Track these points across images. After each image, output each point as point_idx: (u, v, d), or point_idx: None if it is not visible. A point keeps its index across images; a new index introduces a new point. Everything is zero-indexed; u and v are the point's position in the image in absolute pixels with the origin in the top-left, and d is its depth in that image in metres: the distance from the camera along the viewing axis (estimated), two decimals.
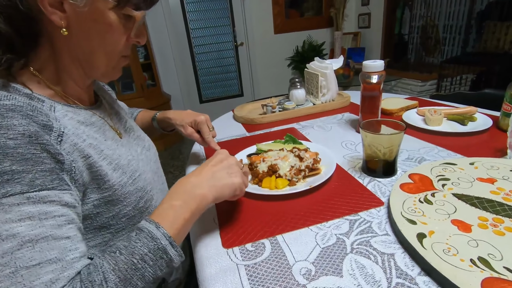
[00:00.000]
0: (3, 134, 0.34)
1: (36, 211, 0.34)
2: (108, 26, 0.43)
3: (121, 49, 0.48)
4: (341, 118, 0.98)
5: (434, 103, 1.01)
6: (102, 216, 0.46)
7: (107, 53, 0.46)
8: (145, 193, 0.53)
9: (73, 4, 0.40)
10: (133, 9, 0.44)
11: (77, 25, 0.42)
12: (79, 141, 0.43)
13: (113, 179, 0.47)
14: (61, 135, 0.40)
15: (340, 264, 0.40)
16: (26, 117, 0.36)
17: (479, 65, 2.36)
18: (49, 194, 0.35)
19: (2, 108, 0.35)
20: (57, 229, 0.35)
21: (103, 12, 0.42)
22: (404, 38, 3.05)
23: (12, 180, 0.33)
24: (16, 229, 0.33)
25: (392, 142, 0.57)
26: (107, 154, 0.47)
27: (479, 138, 0.73)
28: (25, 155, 0.35)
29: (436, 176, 0.55)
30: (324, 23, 3.39)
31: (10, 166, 0.34)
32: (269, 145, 0.75)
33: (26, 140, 0.35)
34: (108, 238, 0.49)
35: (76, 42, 0.44)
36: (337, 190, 0.57)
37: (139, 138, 0.63)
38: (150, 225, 0.39)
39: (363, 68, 0.76)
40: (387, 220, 0.47)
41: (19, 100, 0.37)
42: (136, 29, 0.47)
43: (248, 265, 0.42)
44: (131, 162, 0.52)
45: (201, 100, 3.46)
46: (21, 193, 0.34)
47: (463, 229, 0.41)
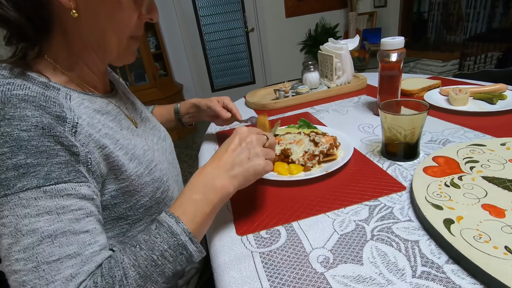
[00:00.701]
0: (17, 125, 0.33)
1: (54, 206, 0.34)
2: (117, 3, 0.42)
3: (133, 28, 0.45)
4: (358, 101, 0.94)
5: (458, 82, 0.94)
6: (119, 207, 0.46)
7: (118, 34, 0.45)
8: (162, 184, 0.52)
9: None
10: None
11: (86, 5, 0.40)
12: (94, 131, 0.42)
13: (130, 169, 0.46)
14: (75, 126, 0.39)
15: (360, 252, 0.38)
16: (39, 108, 0.36)
17: (506, 42, 2.20)
18: (65, 187, 0.35)
19: (15, 98, 0.34)
20: (75, 223, 0.35)
21: None
22: (423, 16, 2.89)
23: (28, 174, 0.33)
24: (35, 224, 0.33)
25: (414, 123, 0.53)
26: (122, 144, 0.47)
27: (510, 118, 0.67)
28: (39, 148, 0.34)
29: (463, 159, 0.51)
30: (337, 4, 3.25)
31: (25, 159, 0.33)
32: (283, 129, 0.73)
33: (40, 132, 0.34)
34: (126, 229, 0.48)
35: (86, 24, 0.42)
36: (355, 175, 0.55)
37: (155, 128, 0.62)
38: (170, 220, 0.38)
39: (381, 46, 0.72)
40: (409, 206, 0.45)
41: (32, 90, 0.37)
42: (146, 5, 0.45)
43: (263, 253, 0.41)
44: (147, 152, 0.51)
45: (213, 89, 3.44)
46: (38, 187, 0.33)
47: (495, 214, 0.38)
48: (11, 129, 0.33)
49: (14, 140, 0.33)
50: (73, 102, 0.42)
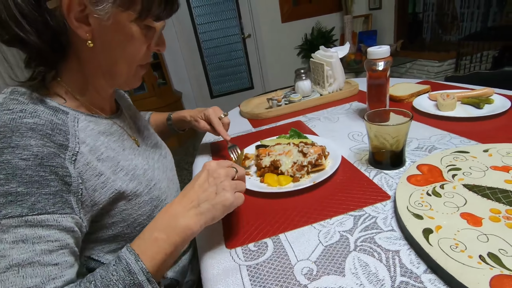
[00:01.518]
0: (18, 154, 0.36)
1: (31, 235, 0.35)
2: (130, 37, 0.45)
3: (142, 57, 0.49)
4: (349, 107, 0.95)
5: (448, 86, 0.96)
6: (117, 226, 0.48)
7: (128, 62, 0.48)
8: (160, 202, 0.54)
9: (98, 17, 0.41)
10: (153, 20, 0.45)
11: (101, 37, 0.44)
12: (94, 157, 0.44)
13: (129, 190, 0.48)
14: (75, 154, 0.41)
15: (343, 263, 0.39)
16: (45, 136, 0.38)
17: (502, 40, 2.21)
18: (47, 218, 0.36)
19: (24, 127, 0.37)
20: (46, 254, 0.35)
21: (125, 24, 0.43)
22: (418, 17, 2.90)
23: (15, 202, 0.34)
24: (8, 251, 0.33)
25: (399, 132, 0.54)
26: (123, 165, 0.49)
27: (497, 122, 0.69)
28: (33, 177, 0.36)
29: (446, 166, 0.52)
30: (332, 8, 3.28)
31: (16, 188, 0.35)
32: (274, 140, 0.74)
33: (38, 161, 0.36)
34: (122, 245, 0.50)
35: (99, 53, 0.45)
36: (342, 185, 0.56)
37: (156, 146, 0.65)
38: (130, 257, 0.37)
39: (368, 55, 0.73)
40: (393, 215, 0.46)
41: (42, 118, 0.39)
42: (156, 38, 0.49)
43: (250, 266, 0.42)
44: (147, 172, 0.54)
45: (212, 95, 3.47)
46: (20, 216, 0.34)
47: (472, 223, 0.39)
48: (12, 157, 0.35)
49: (11, 168, 0.35)
50: (80, 125, 0.45)
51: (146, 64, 0.52)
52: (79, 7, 0.40)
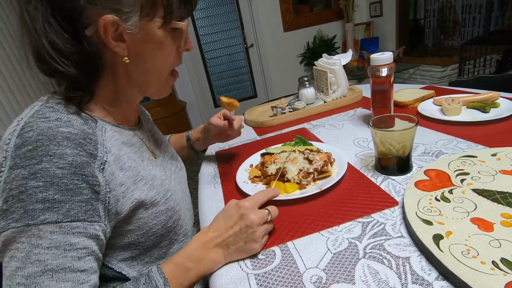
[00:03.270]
0: (55, 162, 0.37)
1: (64, 242, 0.37)
2: (159, 44, 0.47)
3: (173, 61, 0.51)
4: (353, 114, 0.95)
5: (453, 90, 0.95)
6: (133, 233, 0.48)
7: (160, 69, 0.50)
8: (174, 213, 0.55)
9: (130, 32, 0.43)
10: (178, 21, 0.47)
11: (135, 50, 0.46)
12: (117, 167, 0.46)
13: (148, 199, 0.49)
14: (103, 164, 0.43)
15: (352, 271, 0.39)
16: (78, 145, 0.40)
17: (505, 44, 2.20)
18: (78, 225, 0.38)
19: (60, 136, 0.39)
20: (76, 261, 0.38)
21: (154, 32, 0.45)
22: (419, 23, 2.92)
23: (52, 209, 0.37)
24: (43, 256, 0.36)
25: (404, 137, 0.54)
26: (143, 175, 0.50)
27: (503, 126, 0.68)
28: (68, 185, 0.38)
29: (454, 171, 0.52)
30: (334, 16, 3.32)
31: (53, 195, 0.37)
32: (279, 148, 0.74)
33: (72, 170, 0.38)
34: (136, 254, 0.51)
35: (133, 65, 0.48)
36: (349, 192, 0.56)
37: (172, 158, 0.67)
38: (159, 279, 0.41)
39: (371, 62, 0.74)
40: (401, 221, 0.45)
41: (75, 127, 0.41)
42: (184, 39, 0.50)
43: (259, 274, 0.42)
44: (164, 182, 0.55)
45: (216, 105, 3.49)
46: (56, 222, 0.37)
47: (484, 228, 0.38)
48: (50, 165, 0.37)
49: (50, 176, 0.37)
50: (107, 134, 0.47)
51: (175, 71, 0.54)
52: (113, 27, 0.42)
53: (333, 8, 3.28)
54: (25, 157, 0.37)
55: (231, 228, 0.45)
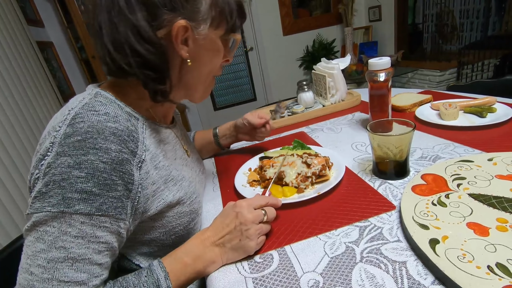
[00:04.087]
0: (100, 156, 0.39)
1: (90, 233, 0.38)
2: (217, 51, 0.52)
3: (217, 69, 0.55)
4: (352, 118, 0.96)
5: (450, 95, 0.96)
6: (155, 231, 0.50)
7: (207, 76, 0.54)
8: (197, 215, 0.56)
9: (197, 38, 0.47)
10: (232, 33, 0.52)
11: (195, 55, 0.49)
12: (152, 166, 0.47)
13: (175, 199, 0.50)
14: (141, 162, 0.44)
15: (349, 275, 0.39)
16: (122, 142, 0.42)
17: (502, 49, 2.22)
18: (106, 220, 0.39)
19: (108, 130, 0.41)
20: (96, 254, 0.39)
21: (215, 41, 0.50)
22: (418, 28, 2.94)
23: (88, 200, 0.38)
24: (69, 243, 0.37)
25: (402, 142, 0.55)
26: (174, 175, 0.52)
27: (500, 131, 0.69)
28: (106, 180, 0.39)
29: (451, 176, 0.52)
30: (333, 20, 3.34)
31: (91, 188, 0.38)
32: (277, 152, 0.75)
33: (113, 166, 0.40)
34: (155, 250, 0.52)
35: (189, 69, 0.50)
36: (347, 196, 0.56)
37: (198, 160, 0.69)
38: (161, 273, 0.42)
39: (369, 67, 0.74)
40: (398, 226, 0.46)
41: (121, 123, 0.43)
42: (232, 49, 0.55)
43: (256, 278, 0.42)
44: (192, 184, 0.56)
45: (215, 108, 3.50)
46: (88, 214, 0.38)
47: (479, 233, 0.39)
48: (95, 158, 0.39)
49: (93, 169, 0.38)
50: (147, 131, 0.49)
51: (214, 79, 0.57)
52: (183, 31, 0.45)
53: (333, 12, 3.30)
54: (74, 146, 0.38)
55: (227, 226, 0.46)
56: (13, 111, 1.42)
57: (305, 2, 3.23)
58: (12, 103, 1.44)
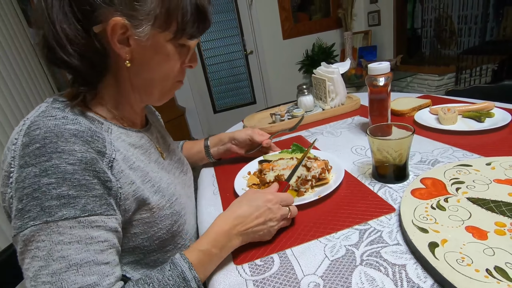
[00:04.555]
0: (65, 159, 0.38)
1: (84, 236, 0.37)
2: (166, 56, 0.48)
3: (176, 75, 0.52)
4: (351, 122, 0.97)
5: (449, 100, 0.97)
6: (137, 237, 0.49)
7: (162, 80, 0.51)
8: (180, 217, 0.55)
9: (138, 39, 0.44)
10: (188, 39, 0.49)
11: (139, 57, 0.47)
12: (126, 166, 0.46)
13: (153, 201, 0.49)
14: (111, 161, 0.43)
15: (349, 277, 0.39)
16: (85, 142, 0.40)
17: (500, 54, 2.24)
18: (97, 219, 0.39)
19: (67, 133, 0.39)
20: (99, 254, 0.38)
21: (162, 44, 0.46)
22: (417, 33, 2.96)
23: (68, 204, 0.37)
24: (66, 251, 0.36)
25: (401, 146, 0.55)
26: (151, 176, 0.51)
27: (498, 135, 0.69)
28: (80, 181, 0.38)
29: (449, 180, 0.52)
30: (333, 25, 3.36)
31: (68, 191, 0.37)
32: (277, 155, 0.75)
33: (83, 166, 0.39)
34: (140, 258, 0.51)
35: (136, 72, 0.48)
36: (347, 199, 0.56)
37: (179, 161, 0.67)
38: (184, 264, 0.41)
39: (369, 71, 0.75)
40: (398, 229, 0.46)
41: (82, 125, 0.42)
42: (190, 56, 0.52)
43: (257, 280, 0.42)
44: (170, 186, 0.55)
45: (215, 110, 3.51)
46: (74, 218, 0.37)
47: (478, 237, 0.39)
48: (60, 162, 0.37)
49: (61, 173, 0.37)
50: (113, 135, 0.47)
51: (181, 81, 0.55)
52: (121, 30, 0.43)
53: (332, 16, 3.32)
54: (34, 155, 0.37)
55: (256, 218, 0.47)
56: (13, 113, 1.43)
57: (305, 7, 3.25)
58: (12, 104, 1.44)
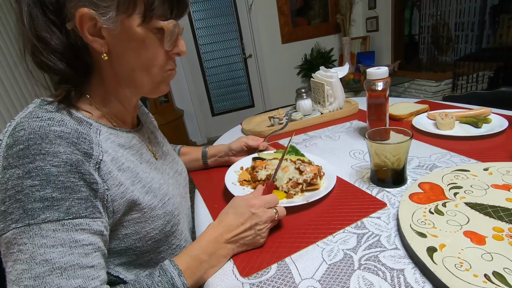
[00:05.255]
0: (49, 161, 0.37)
1: (68, 239, 0.36)
2: (141, 43, 0.45)
3: (162, 63, 0.48)
4: (350, 126, 0.97)
5: (446, 105, 0.98)
6: (129, 238, 0.48)
7: (146, 69, 0.47)
8: (173, 217, 0.54)
9: (107, 28, 0.42)
10: (160, 21, 0.44)
11: (115, 48, 0.45)
12: (115, 167, 0.45)
13: (145, 202, 0.49)
14: (98, 163, 0.42)
15: (348, 282, 0.39)
16: (71, 144, 0.39)
17: (496, 61, 2.27)
18: (81, 222, 0.38)
19: (52, 134, 0.39)
20: (84, 257, 0.37)
21: (134, 30, 0.43)
22: (414, 39, 3.00)
23: (52, 207, 0.36)
24: (49, 254, 0.35)
25: (399, 150, 0.55)
26: (141, 177, 0.50)
27: (495, 141, 0.70)
28: (65, 183, 0.37)
29: (447, 184, 0.52)
30: (331, 30, 3.39)
31: (51, 193, 0.36)
32: (271, 155, 0.75)
33: (68, 168, 0.38)
34: (133, 259, 0.50)
35: (117, 64, 0.46)
36: (338, 201, 0.56)
37: (173, 162, 0.66)
38: (174, 271, 0.41)
39: (367, 76, 0.76)
40: (396, 233, 0.46)
41: (68, 127, 0.41)
42: (169, 41, 0.46)
43: (254, 284, 0.42)
44: (162, 186, 0.54)
45: (213, 113, 3.51)
46: (58, 220, 0.36)
47: (476, 241, 0.39)
48: (44, 163, 0.37)
49: (45, 175, 0.36)
50: (101, 136, 0.46)
51: (173, 70, 0.51)
52: (90, 22, 0.41)
53: (331, 21, 3.35)
54: (18, 156, 0.37)
55: (242, 225, 0.47)
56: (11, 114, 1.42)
57: (303, 11, 3.28)
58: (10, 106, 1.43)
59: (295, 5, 3.22)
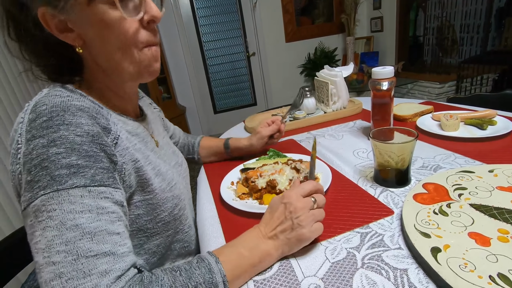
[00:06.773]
0: (73, 130, 0.38)
1: (95, 205, 0.37)
2: (100, 22, 0.42)
3: (135, 39, 0.45)
4: (353, 125, 0.97)
5: (451, 107, 0.97)
6: (141, 219, 0.49)
7: (122, 51, 0.45)
8: (180, 201, 0.56)
9: (70, 19, 0.42)
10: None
11: (87, 38, 0.44)
12: (130, 145, 0.47)
13: (155, 183, 0.50)
14: (116, 138, 0.44)
15: (350, 280, 0.39)
16: (91, 117, 0.41)
17: (501, 64, 2.25)
18: (105, 190, 0.38)
19: (73, 107, 0.40)
20: (110, 224, 0.37)
21: (87, 12, 0.41)
22: (419, 40, 2.98)
23: (78, 173, 0.37)
24: (79, 220, 0.35)
25: (404, 150, 0.55)
26: (151, 160, 0.51)
27: (500, 143, 0.69)
28: (88, 152, 0.38)
29: (452, 186, 0.52)
30: (335, 29, 3.38)
31: (77, 161, 0.37)
32: (257, 162, 0.74)
33: (90, 139, 0.39)
34: (143, 241, 0.51)
35: (95, 54, 0.46)
36: (345, 202, 0.56)
37: (174, 154, 0.67)
38: (211, 258, 0.40)
39: (372, 75, 0.75)
40: (400, 233, 0.46)
41: (86, 103, 0.42)
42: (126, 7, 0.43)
43: (257, 281, 0.42)
44: (168, 172, 0.56)
45: (215, 111, 3.51)
46: (85, 186, 0.37)
47: (481, 243, 0.39)
48: (68, 133, 0.38)
49: (70, 143, 0.37)
50: (112, 119, 0.46)
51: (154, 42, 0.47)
52: (53, 18, 0.42)
53: (335, 21, 3.34)
54: (41, 127, 0.37)
55: (277, 218, 0.45)
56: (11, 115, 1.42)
57: (308, 11, 3.27)
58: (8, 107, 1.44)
59: (300, 4, 3.21)
